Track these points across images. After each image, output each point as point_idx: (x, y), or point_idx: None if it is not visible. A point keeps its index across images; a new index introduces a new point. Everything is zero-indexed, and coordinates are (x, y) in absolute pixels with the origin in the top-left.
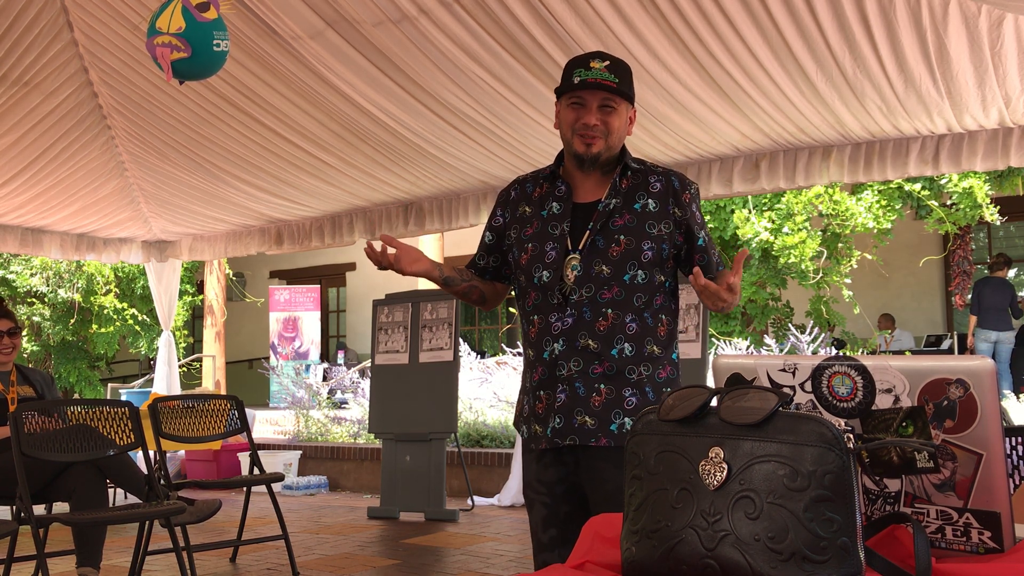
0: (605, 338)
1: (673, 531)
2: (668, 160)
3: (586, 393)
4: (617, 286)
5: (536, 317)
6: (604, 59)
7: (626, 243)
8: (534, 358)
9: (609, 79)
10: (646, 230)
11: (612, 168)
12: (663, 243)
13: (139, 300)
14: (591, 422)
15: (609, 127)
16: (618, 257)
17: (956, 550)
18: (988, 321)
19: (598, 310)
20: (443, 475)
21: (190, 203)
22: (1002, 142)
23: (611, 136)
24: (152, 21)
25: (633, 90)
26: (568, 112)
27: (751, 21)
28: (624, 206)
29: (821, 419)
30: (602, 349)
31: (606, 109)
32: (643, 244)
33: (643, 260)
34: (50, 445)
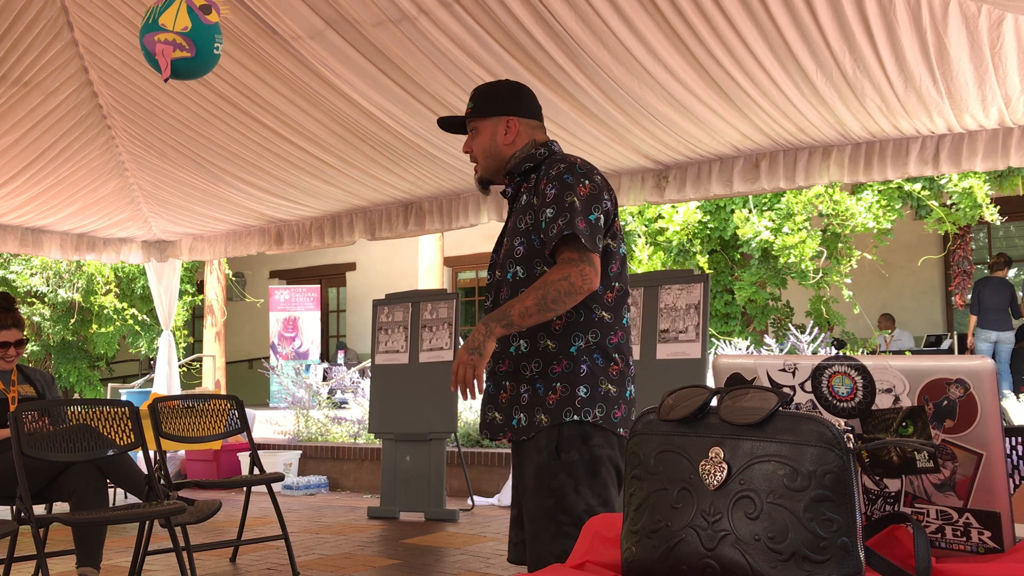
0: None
1: (673, 531)
2: (668, 160)
3: (495, 391)
4: (506, 286)
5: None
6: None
7: (507, 243)
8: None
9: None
10: (517, 226)
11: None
12: (531, 235)
13: (139, 300)
14: (500, 418)
15: (475, 151)
16: (502, 258)
17: (956, 550)
18: (988, 321)
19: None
20: (443, 475)
21: (190, 203)
22: (1002, 142)
23: (481, 156)
24: (152, 16)
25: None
26: None
27: (751, 21)
28: (514, 209)
29: (821, 419)
30: (502, 347)
31: (472, 134)
32: (515, 241)
33: (516, 256)
34: (50, 445)
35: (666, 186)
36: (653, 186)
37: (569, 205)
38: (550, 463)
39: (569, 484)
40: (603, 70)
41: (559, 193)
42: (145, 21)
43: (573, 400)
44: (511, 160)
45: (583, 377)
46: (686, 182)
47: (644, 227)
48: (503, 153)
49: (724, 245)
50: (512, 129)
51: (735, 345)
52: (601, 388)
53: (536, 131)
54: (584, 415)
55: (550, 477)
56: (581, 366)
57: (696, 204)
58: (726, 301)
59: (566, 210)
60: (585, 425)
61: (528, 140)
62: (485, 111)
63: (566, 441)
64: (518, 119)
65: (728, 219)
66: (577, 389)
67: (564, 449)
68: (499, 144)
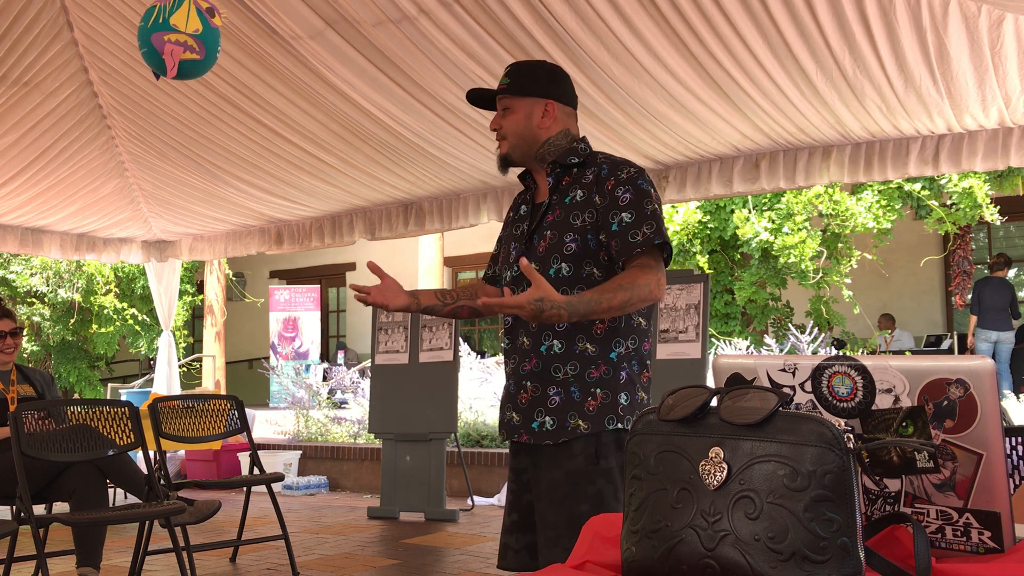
0: (535, 335)
1: (673, 531)
2: (668, 160)
3: (515, 391)
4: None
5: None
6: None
7: (550, 237)
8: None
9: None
10: (570, 222)
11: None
12: (587, 234)
13: (139, 300)
14: (517, 418)
15: (504, 129)
16: (543, 252)
17: (956, 550)
18: (988, 321)
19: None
20: (443, 475)
21: (190, 203)
22: (1002, 142)
23: (510, 136)
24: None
25: (534, 84)
26: None
27: (751, 21)
28: (558, 202)
29: (821, 419)
30: (532, 346)
31: (504, 113)
32: (566, 237)
33: (566, 253)
34: (50, 445)
35: (666, 186)
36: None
37: (651, 213)
38: (588, 469)
39: (608, 490)
40: (603, 70)
41: (636, 199)
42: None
43: (615, 407)
44: (545, 146)
45: (623, 384)
46: (686, 182)
47: None
48: (538, 137)
49: (724, 245)
50: (550, 114)
51: (735, 345)
52: (637, 396)
53: (571, 120)
54: (625, 423)
55: (588, 483)
56: (621, 372)
57: (696, 204)
58: (726, 301)
59: (649, 218)
60: (622, 433)
61: (563, 128)
62: (523, 90)
63: (604, 448)
64: (557, 104)
65: (728, 219)
66: (619, 396)
67: (603, 455)
68: (534, 127)
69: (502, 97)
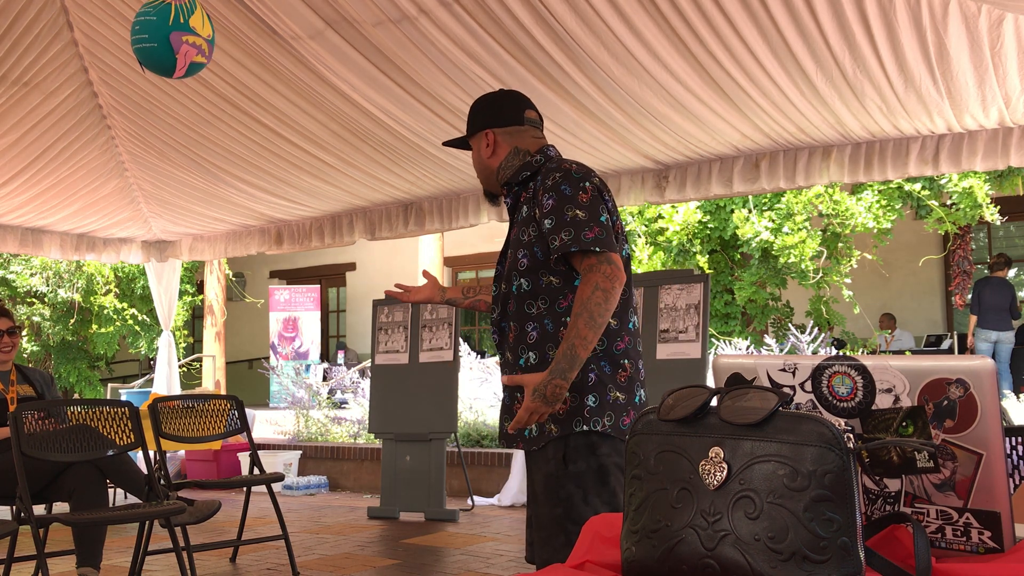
0: (513, 349)
1: (673, 531)
2: (668, 160)
3: (510, 402)
4: (512, 299)
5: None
6: None
7: (510, 256)
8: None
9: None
10: (519, 238)
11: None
12: (534, 247)
13: (139, 300)
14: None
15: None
16: (507, 270)
17: (956, 550)
18: (988, 321)
19: (508, 323)
20: (443, 475)
21: (190, 203)
22: (1002, 142)
23: (477, 173)
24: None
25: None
26: None
27: (751, 21)
28: (515, 220)
29: (821, 419)
30: (513, 360)
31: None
32: (519, 253)
33: (520, 268)
34: (50, 445)
35: (666, 186)
36: (653, 186)
37: (571, 220)
38: (558, 473)
39: (578, 494)
40: (603, 70)
41: (557, 204)
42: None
43: (582, 410)
44: (500, 171)
45: (591, 386)
46: (686, 182)
47: (644, 227)
48: (490, 167)
49: (724, 245)
50: (491, 141)
51: (735, 345)
52: (609, 396)
53: (518, 137)
54: (592, 424)
55: (559, 487)
56: (589, 375)
57: (696, 204)
58: (726, 301)
59: (568, 224)
60: (592, 435)
61: (510, 149)
62: (471, 129)
63: (573, 451)
64: (495, 131)
65: (728, 219)
66: (585, 399)
67: (571, 459)
68: (485, 160)
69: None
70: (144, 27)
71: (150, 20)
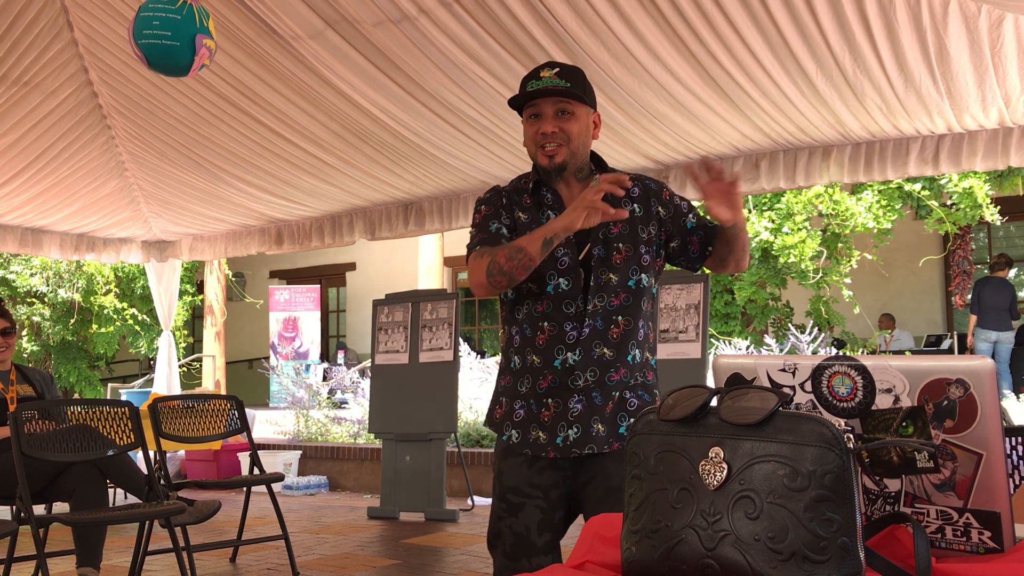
0: (619, 345)
1: (673, 531)
2: (668, 160)
3: (603, 402)
4: (624, 292)
5: (547, 324)
6: (554, 67)
7: (626, 250)
8: (540, 365)
9: (559, 84)
10: (639, 234)
11: (589, 175)
12: (652, 245)
13: (139, 300)
14: (603, 429)
15: (568, 134)
16: (621, 264)
17: (956, 550)
18: (988, 321)
19: (610, 318)
20: (443, 475)
21: (190, 203)
22: (1002, 142)
23: (572, 143)
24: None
25: (591, 93)
26: (528, 126)
27: (751, 21)
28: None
29: (821, 419)
30: (617, 356)
31: (563, 116)
32: (640, 248)
33: (643, 264)
34: (50, 445)
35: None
36: None
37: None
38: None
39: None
40: (603, 70)
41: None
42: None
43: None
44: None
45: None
46: (686, 182)
47: None
48: (588, 149)
49: None
50: (598, 127)
51: (735, 345)
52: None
53: None
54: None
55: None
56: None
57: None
58: (726, 301)
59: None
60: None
61: None
62: (584, 98)
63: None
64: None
65: None
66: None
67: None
68: (588, 139)
69: (564, 100)
70: (166, 24)
71: (174, 19)
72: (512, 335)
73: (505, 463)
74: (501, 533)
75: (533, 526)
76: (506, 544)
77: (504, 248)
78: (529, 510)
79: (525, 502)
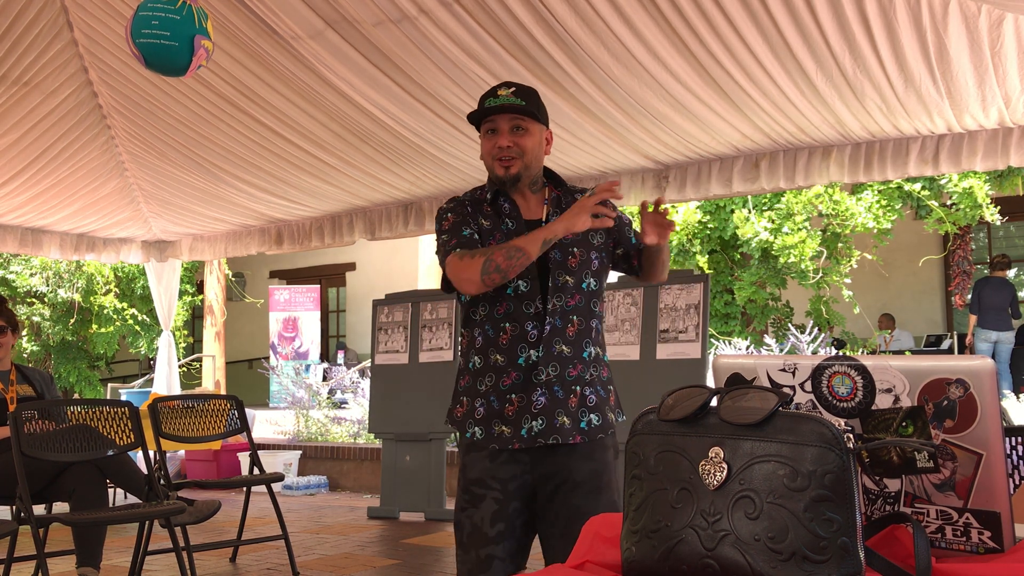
0: (575, 343)
1: (673, 531)
2: (668, 160)
3: (564, 395)
4: (578, 294)
5: (508, 325)
6: (510, 86)
7: (580, 254)
8: (504, 363)
9: (516, 102)
10: (590, 241)
11: (541, 187)
12: (602, 252)
13: (139, 300)
14: (568, 422)
15: (522, 148)
16: (576, 267)
17: (956, 550)
18: (988, 321)
19: (567, 317)
20: (443, 475)
21: (190, 203)
22: (1002, 142)
23: (526, 156)
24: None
25: (544, 112)
26: (486, 140)
27: (751, 21)
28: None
29: (821, 419)
30: (574, 353)
31: (518, 131)
32: (591, 254)
33: (592, 268)
34: (50, 445)
35: (666, 186)
36: (653, 186)
37: None
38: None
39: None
40: (603, 70)
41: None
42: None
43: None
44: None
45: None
46: (686, 182)
47: None
48: (540, 162)
49: (724, 245)
50: (549, 143)
51: (735, 345)
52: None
53: None
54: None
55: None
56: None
57: (696, 204)
58: (726, 301)
59: None
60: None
61: None
62: (537, 116)
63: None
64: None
65: (728, 219)
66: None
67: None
68: (541, 154)
69: (519, 117)
70: (165, 24)
71: (173, 19)
72: (474, 336)
73: (468, 457)
74: (461, 524)
75: (487, 517)
76: (463, 534)
77: (501, 248)
78: (487, 503)
79: (485, 494)
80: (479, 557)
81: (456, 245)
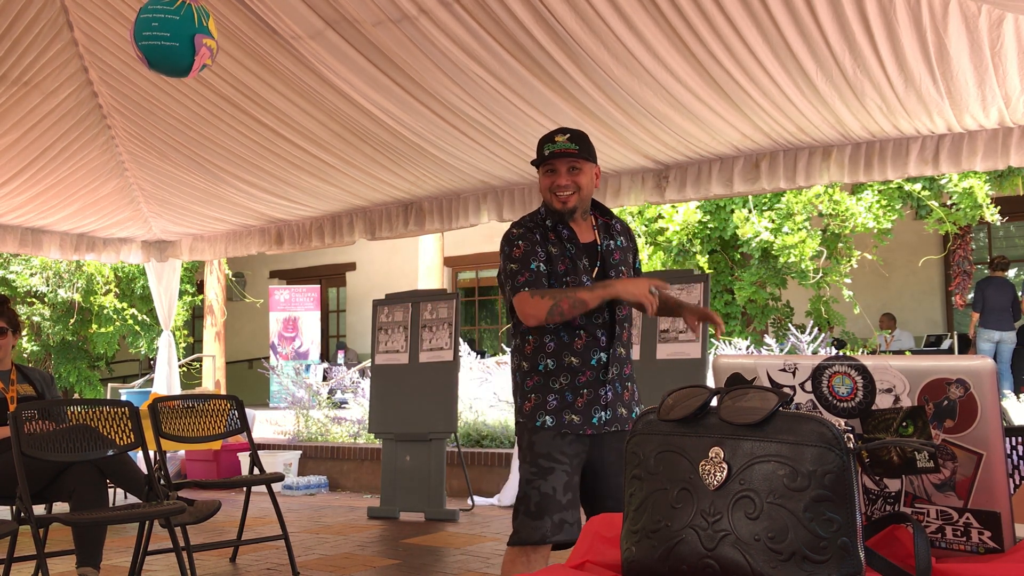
0: (626, 346)
1: (673, 531)
2: (668, 160)
3: (622, 390)
4: (626, 307)
5: (583, 332)
6: (566, 133)
7: (625, 273)
8: (579, 364)
9: (571, 147)
10: (627, 260)
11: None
12: (630, 271)
13: (139, 300)
14: (624, 412)
15: (578, 184)
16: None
17: (956, 550)
18: (991, 321)
19: (622, 326)
20: (443, 475)
21: (190, 203)
22: (1002, 142)
23: (581, 191)
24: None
25: (593, 153)
26: (544, 179)
27: (751, 21)
28: (612, 246)
29: (821, 419)
30: (627, 355)
31: (574, 171)
32: (629, 273)
33: None
34: (50, 445)
35: (666, 186)
36: (653, 186)
37: None
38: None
39: None
40: (603, 70)
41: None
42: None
43: None
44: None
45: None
46: (686, 182)
47: (644, 227)
48: (591, 195)
49: (724, 245)
50: (598, 177)
51: (735, 345)
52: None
53: None
54: None
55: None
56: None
57: (696, 204)
58: (726, 301)
59: None
60: None
61: None
62: (588, 156)
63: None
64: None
65: (728, 219)
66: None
67: None
68: (592, 188)
69: (574, 160)
70: (165, 25)
71: (172, 19)
72: (544, 342)
73: (537, 436)
74: (528, 495)
75: (560, 487)
76: (530, 504)
77: (567, 298)
78: (558, 474)
79: (555, 466)
80: (553, 522)
81: (525, 283)
